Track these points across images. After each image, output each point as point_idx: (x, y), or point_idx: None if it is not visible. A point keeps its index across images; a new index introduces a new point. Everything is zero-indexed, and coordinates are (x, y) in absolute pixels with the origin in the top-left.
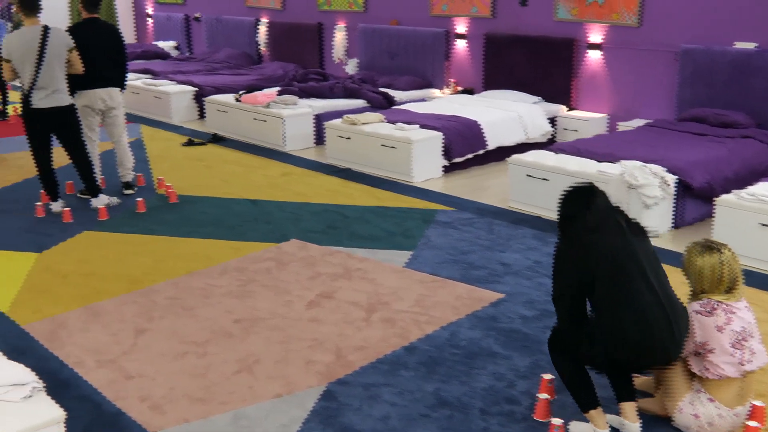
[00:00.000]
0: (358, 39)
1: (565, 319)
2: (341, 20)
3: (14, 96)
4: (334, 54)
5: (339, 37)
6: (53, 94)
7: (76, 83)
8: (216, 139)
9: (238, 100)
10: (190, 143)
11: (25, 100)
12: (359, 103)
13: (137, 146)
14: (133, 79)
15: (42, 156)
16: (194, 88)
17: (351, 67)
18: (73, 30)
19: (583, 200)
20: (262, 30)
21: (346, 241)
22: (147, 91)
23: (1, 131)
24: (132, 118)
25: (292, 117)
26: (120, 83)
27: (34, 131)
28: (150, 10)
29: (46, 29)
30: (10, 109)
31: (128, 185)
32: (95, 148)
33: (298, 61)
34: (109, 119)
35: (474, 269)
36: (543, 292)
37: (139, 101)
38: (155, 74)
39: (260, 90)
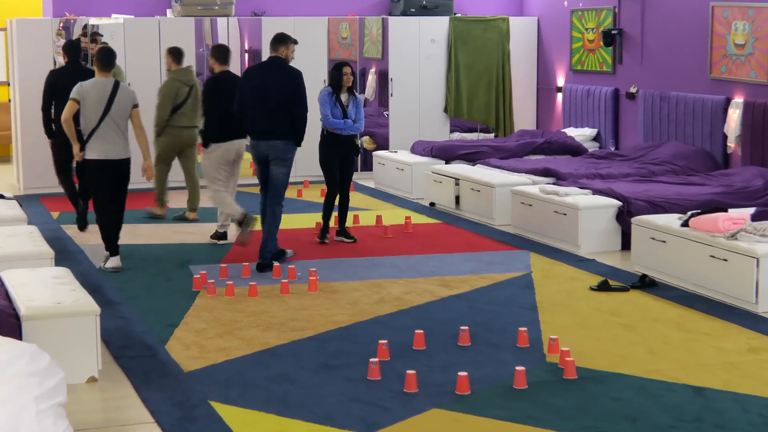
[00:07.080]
0: None
1: None
2: None
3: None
4: None
5: None
6: None
7: None
8: (645, 283)
9: (685, 224)
10: (603, 287)
11: None
12: None
13: (523, 284)
14: (526, 184)
15: None
16: (617, 202)
17: None
18: None
19: None
20: (734, 115)
21: None
22: (544, 201)
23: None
24: (519, 242)
25: None
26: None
27: None
28: (561, 81)
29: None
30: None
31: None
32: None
33: None
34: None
35: None
36: None
37: (532, 217)
38: (560, 177)
39: (724, 210)
